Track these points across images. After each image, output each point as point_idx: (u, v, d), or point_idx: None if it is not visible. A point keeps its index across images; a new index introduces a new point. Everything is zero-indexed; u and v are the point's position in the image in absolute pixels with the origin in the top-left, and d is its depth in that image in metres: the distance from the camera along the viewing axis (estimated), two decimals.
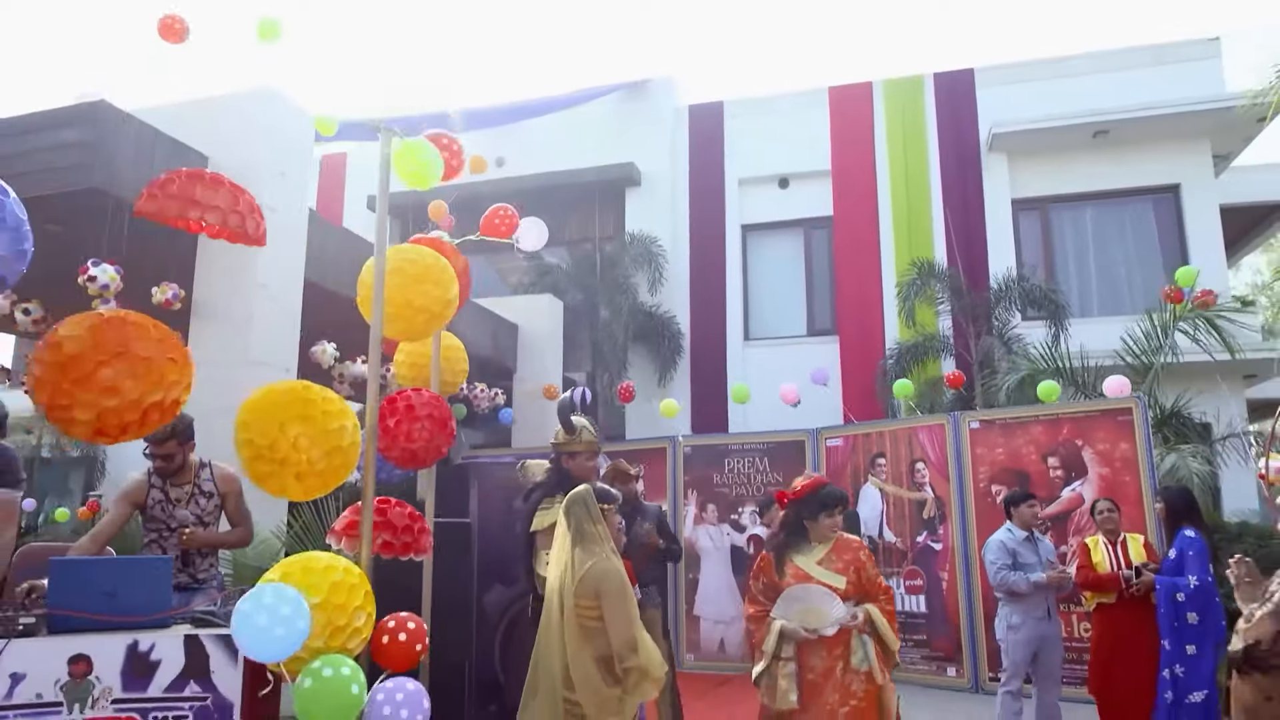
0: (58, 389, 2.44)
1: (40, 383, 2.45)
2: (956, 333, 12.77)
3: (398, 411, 3.53)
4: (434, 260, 3.65)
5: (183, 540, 3.90)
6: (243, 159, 6.34)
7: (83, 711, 2.79)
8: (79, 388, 2.45)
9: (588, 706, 2.89)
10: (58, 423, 2.54)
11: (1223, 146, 13.23)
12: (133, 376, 2.53)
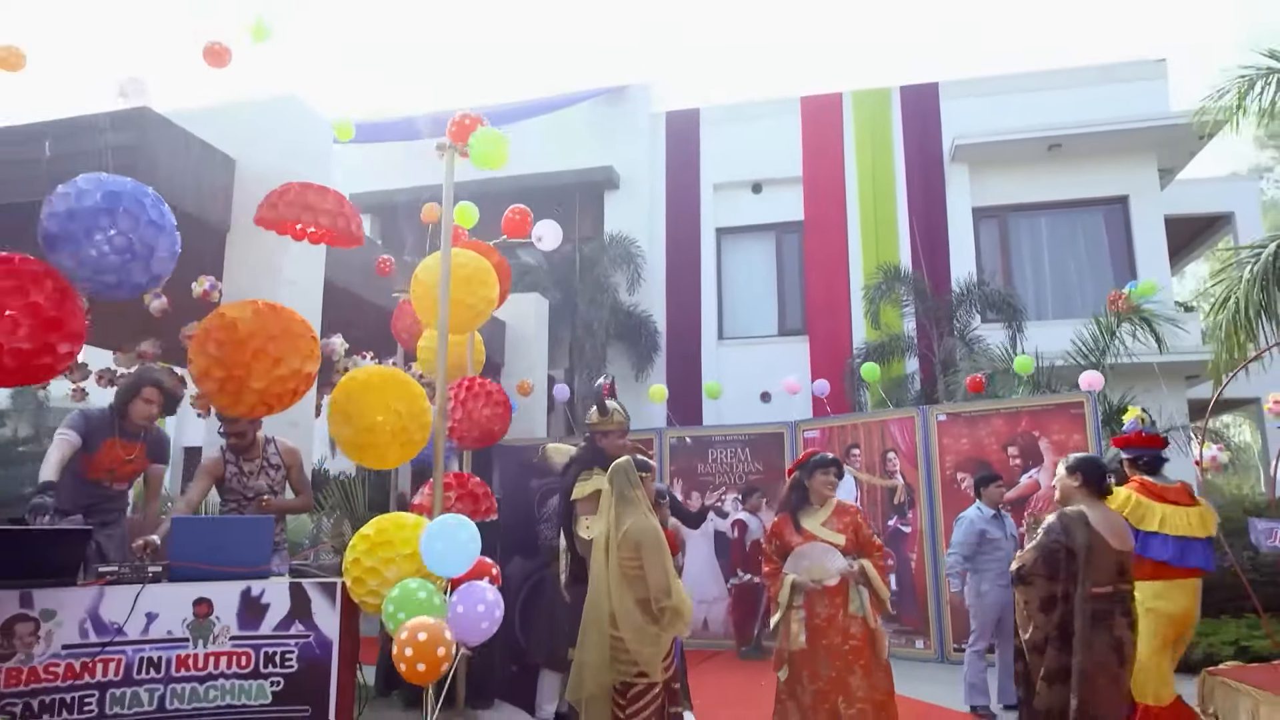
0: (236, 361, 2.90)
1: (216, 357, 2.91)
2: (920, 334, 13.45)
3: (475, 394, 4.01)
4: (481, 263, 4.14)
5: (261, 507, 4.35)
6: (269, 162, 6.74)
7: (205, 646, 3.25)
8: (256, 360, 2.91)
9: (630, 641, 3.41)
10: (228, 393, 3.00)
11: (1168, 161, 14.12)
12: (293, 352, 3.00)
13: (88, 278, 2.98)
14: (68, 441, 4.10)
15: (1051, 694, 3.66)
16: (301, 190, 3.62)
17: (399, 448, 3.48)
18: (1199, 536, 4.32)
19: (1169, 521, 4.31)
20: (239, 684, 3.28)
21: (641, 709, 3.48)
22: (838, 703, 3.98)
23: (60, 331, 2.86)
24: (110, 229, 2.94)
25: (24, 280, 2.81)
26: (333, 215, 3.67)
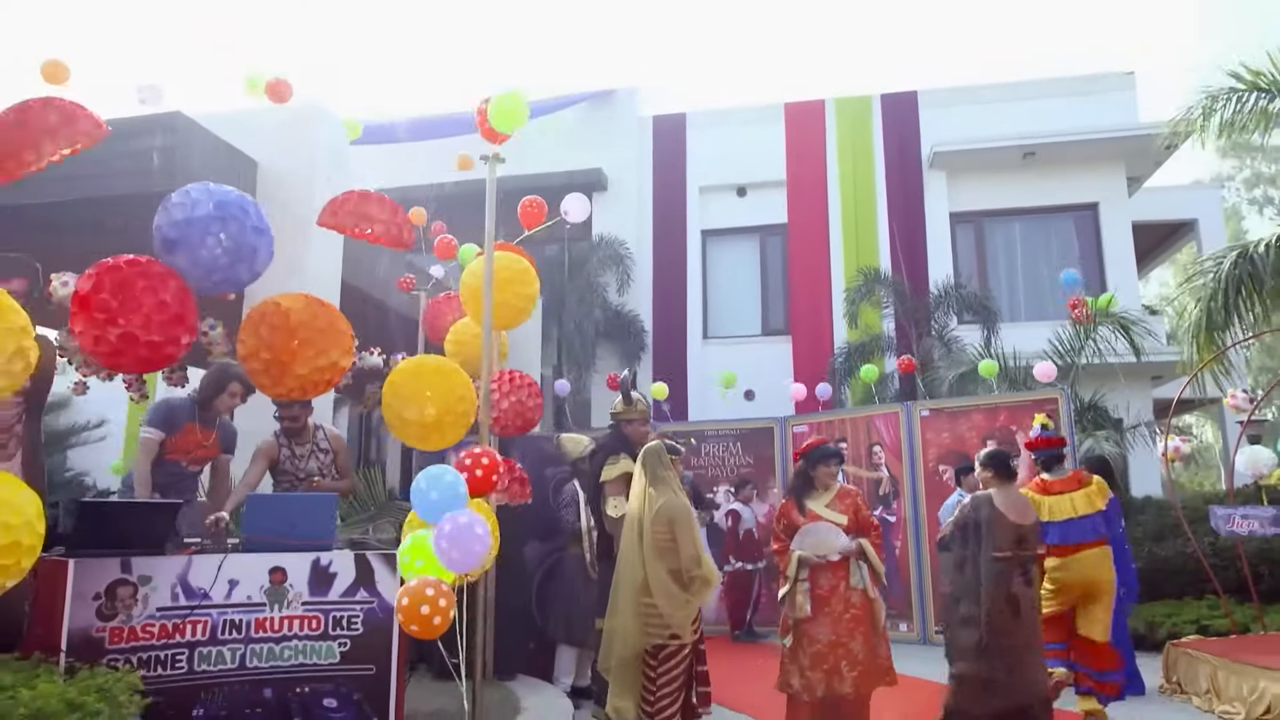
0: (284, 347, 3.24)
1: (266, 341, 3.24)
2: (900, 334, 13.94)
3: (518, 386, 4.37)
4: (522, 264, 4.50)
5: (312, 487, 4.68)
6: (289, 165, 7.04)
7: (280, 610, 3.58)
8: (304, 347, 3.25)
9: (663, 606, 3.80)
10: (271, 377, 3.33)
11: (1136, 170, 14.74)
12: (334, 345, 3.34)
13: (199, 277, 3.29)
14: (153, 441, 4.46)
15: (964, 634, 4.44)
16: (360, 200, 3.96)
17: (446, 431, 3.83)
18: (1085, 514, 5.18)
19: (1054, 510, 5.23)
20: (310, 644, 3.62)
21: (673, 668, 3.87)
22: (840, 665, 4.38)
23: (182, 325, 3.18)
24: (220, 233, 3.25)
25: (154, 281, 3.13)
26: (386, 224, 4.02)
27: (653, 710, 3.85)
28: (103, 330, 2.98)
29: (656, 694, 3.88)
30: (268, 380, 3.40)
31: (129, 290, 3.04)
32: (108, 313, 2.99)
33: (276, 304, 3.36)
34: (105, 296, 3.00)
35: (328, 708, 3.59)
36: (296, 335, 3.26)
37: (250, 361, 3.38)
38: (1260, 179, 26.54)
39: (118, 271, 3.07)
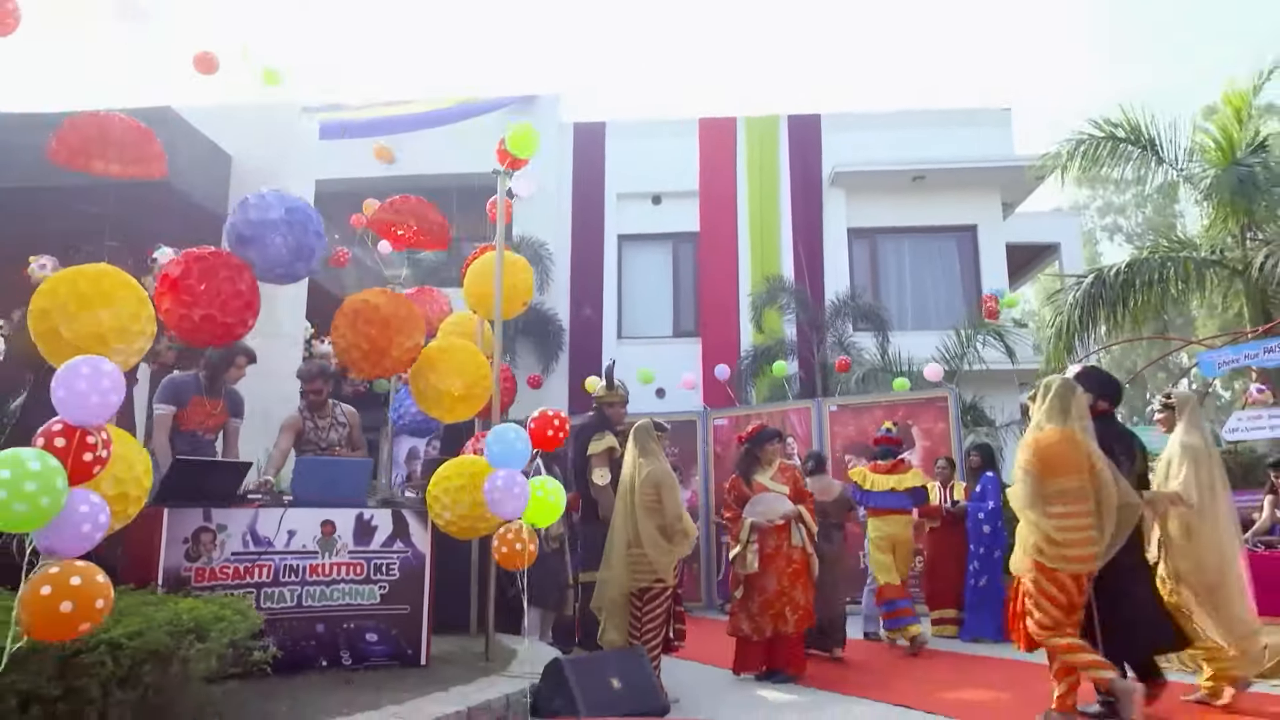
0: (382, 335, 3.84)
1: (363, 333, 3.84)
2: (801, 339, 15.08)
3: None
4: (521, 261, 5.19)
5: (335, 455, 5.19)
6: (261, 160, 7.43)
7: (330, 557, 4.16)
8: (400, 335, 3.86)
9: (651, 554, 4.57)
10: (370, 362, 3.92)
11: (1010, 196, 16.41)
12: (416, 330, 3.97)
13: (265, 269, 3.83)
14: (166, 416, 4.87)
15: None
16: (402, 203, 4.57)
17: (466, 404, 4.49)
18: (898, 490, 6.89)
19: (875, 484, 6.92)
20: (355, 587, 4.20)
21: (657, 607, 4.65)
22: (785, 610, 5.23)
23: (250, 310, 3.72)
24: (287, 235, 3.80)
25: (232, 271, 3.65)
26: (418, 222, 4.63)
27: (640, 643, 4.60)
28: (188, 310, 3.51)
29: (643, 629, 4.64)
30: (366, 365, 4.00)
31: (212, 278, 3.57)
32: (193, 296, 3.52)
33: (366, 300, 3.95)
34: (192, 282, 3.52)
35: (369, 641, 4.20)
36: (390, 326, 3.87)
37: (351, 352, 3.95)
38: (1111, 208, 29.41)
39: (204, 261, 3.60)
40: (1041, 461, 4.04)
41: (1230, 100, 10.20)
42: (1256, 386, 7.92)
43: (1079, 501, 3.96)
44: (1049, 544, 3.94)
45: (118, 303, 3.23)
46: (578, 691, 3.82)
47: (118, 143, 3.86)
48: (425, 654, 4.32)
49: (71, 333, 3.17)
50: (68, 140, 3.91)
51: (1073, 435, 4.05)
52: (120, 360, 3.29)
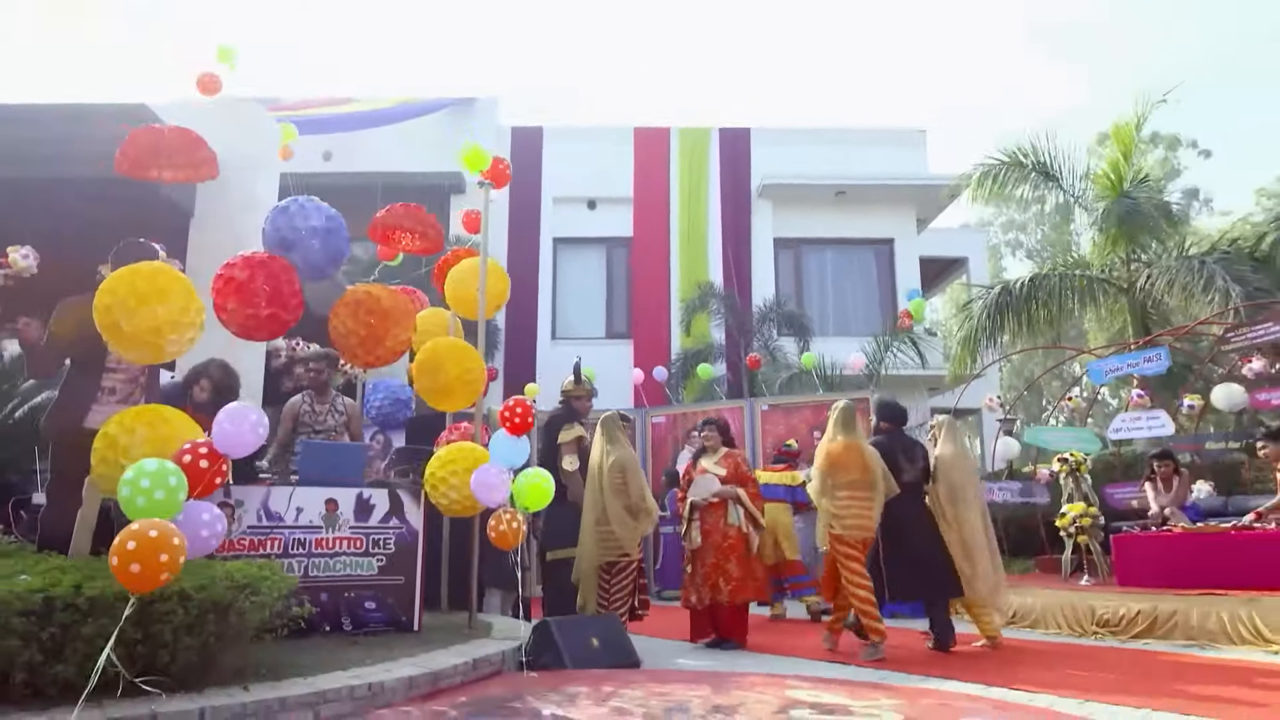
0: (382, 326, 4.26)
1: (363, 322, 4.25)
2: (729, 342, 15.80)
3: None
4: (496, 266, 5.64)
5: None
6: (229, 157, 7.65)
7: (333, 532, 4.56)
8: (396, 327, 4.28)
9: (619, 531, 5.11)
10: (365, 349, 4.32)
11: (924, 213, 17.51)
12: (409, 324, 4.39)
13: (303, 270, 4.20)
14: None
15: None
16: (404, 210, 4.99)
17: (463, 395, 4.94)
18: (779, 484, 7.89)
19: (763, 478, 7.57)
20: (355, 559, 4.59)
21: (624, 579, 5.19)
22: (719, 581, 5.76)
23: (300, 307, 4.11)
24: (325, 240, 4.19)
25: (288, 274, 4.03)
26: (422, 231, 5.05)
27: (609, 610, 5.12)
28: (256, 309, 3.88)
29: (611, 598, 5.16)
30: (361, 351, 4.39)
31: (275, 282, 3.95)
32: (260, 297, 3.89)
33: (369, 292, 4.34)
34: (259, 285, 3.90)
35: (368, 609, 4.61)
36: (389, 317, 4.28)
37: (349, 338, 4.33)
38: (1013, 225, 31.25)
39: (266, 265, 3.98)
40: (831, 463, 5.41)
41: (1118, 136, 11.34)
42: (1137, 392, 8.90)
43: (861, 489, 5.36)
44: (836, 520, 5.31)
45: (171, 298, 3.58)
46: (564, 648, 4.32)
47: (171, 150, 4.16)
48: (418, 621, 4.74)
49: (131, 326, 3.51)
50: (129, 154, 4.20)
51: (854, 444, 5.45)
52: (174, 350, 3.66)
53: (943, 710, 3.32)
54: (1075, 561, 7.58)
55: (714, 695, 3.65)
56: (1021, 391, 20.79)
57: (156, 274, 3.62)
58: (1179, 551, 6.35)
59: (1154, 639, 5.73)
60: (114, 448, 3.40)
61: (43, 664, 2.84)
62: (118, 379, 4.05)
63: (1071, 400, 10.60)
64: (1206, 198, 28.66)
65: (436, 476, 4.71)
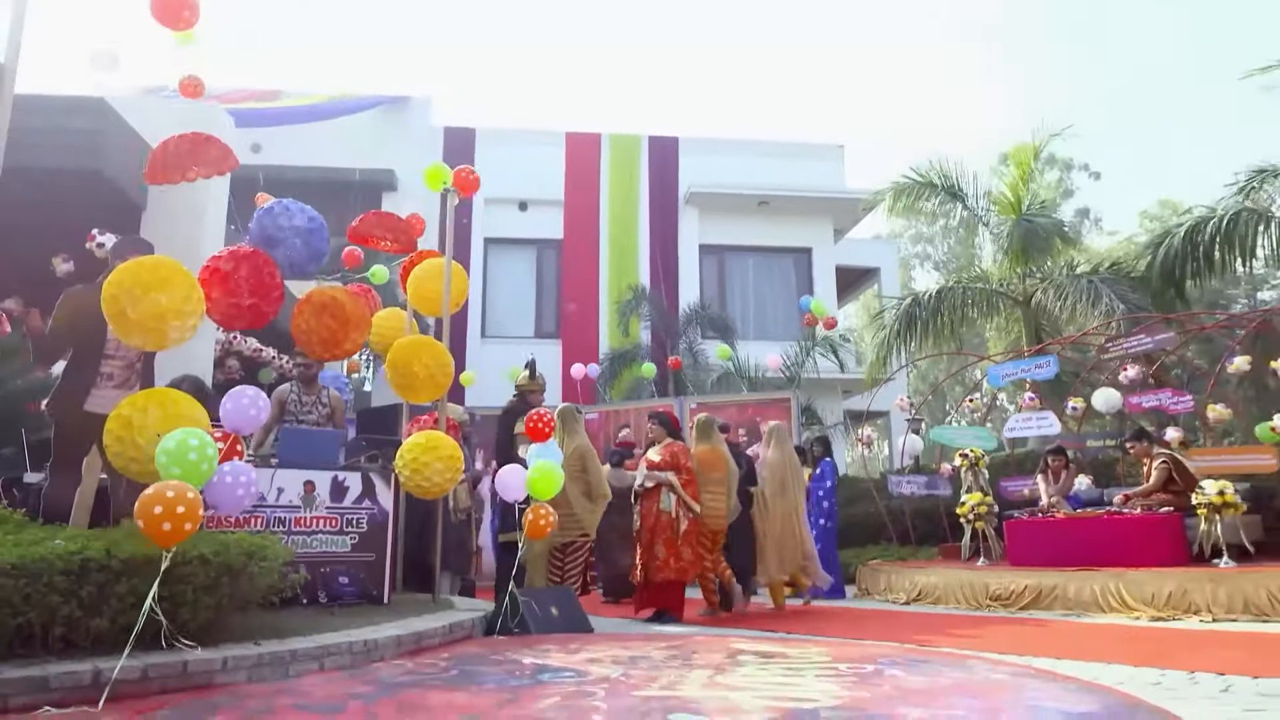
0: (340, 327, 4.64)
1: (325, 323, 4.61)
2: (656, 343, 16.39)
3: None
4: (458, 267, 6.04)
5: None
6: None
7: (310, 512, 4.91)
8: (352, 329, 4.68)
9: (578, 512, 5.59)
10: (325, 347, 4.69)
11: (841, 224, 18.46)
12: (365, 327, 4.79)
13: (285, 266, 4.53)
14: None
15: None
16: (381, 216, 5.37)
17: (431, 389, 5.33)
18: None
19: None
20: (331, 537, 4.94)
21: (578, 556, 5.67)
22: (650, 561, 6.30)
23: (281, 299, 4.44)
24: (307, 238, 4.53)
25: (270, 268, 4.35)
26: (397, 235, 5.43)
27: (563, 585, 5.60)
28: (239, 299, 4.21)
29: (566, 574, 5.64)
30: (322, 349, 4.74)
31: (258, 275, 4.28)
32: (242, 288, 4.22)
33: (334, 297, 4.70)
34: (242, 276, 4.22)
35: (342, 583, 4.96)
36: (350, 322, 4.66)
37: (310, 336, 4.68)
38: (921, 238, 32.85)
39: (251, 260, 4.30)
40: (701, 464, 6.44)
41: (1017, 161, 12.38)
42: (1029, 395, 9.84)
43: (720, 485, 6.43)
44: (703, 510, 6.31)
45: (173, 287, 3.90)
46: (528, 615, 4.77)
47: (182, 154, 4.41)
48: (387, 595, 5.11)
49: (136, 313, 3.81)
50: (152, 166, 4.46)
51: (715, 449, 6.52)
52: (176, 336, 3.97)
53: (862, 653, 3.91)
54: (973, 547, 8.39)
55: (670, 647, 4.17)
56: (927, 395, 22.01)
57: (159, 265, 3.92)
58: (1061, 535, 7.19)
59: (1039, 610, 6.53)
60: (128, 426, 3.70)
61: (81, 618, 3.16)
62: (115, 365, 4.31)
63: (972, 402, 11.52)
64: (1096, 217, 30.73)
65: (417, 462, 5.07)
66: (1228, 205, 10.14)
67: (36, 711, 2.80)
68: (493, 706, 2.75)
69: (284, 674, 3.43)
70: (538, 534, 4.97)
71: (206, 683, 3.21)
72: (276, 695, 3.00)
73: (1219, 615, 5.64)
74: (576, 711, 2.64)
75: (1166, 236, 10.78)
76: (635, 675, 3.28)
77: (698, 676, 3.25)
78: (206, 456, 3.22)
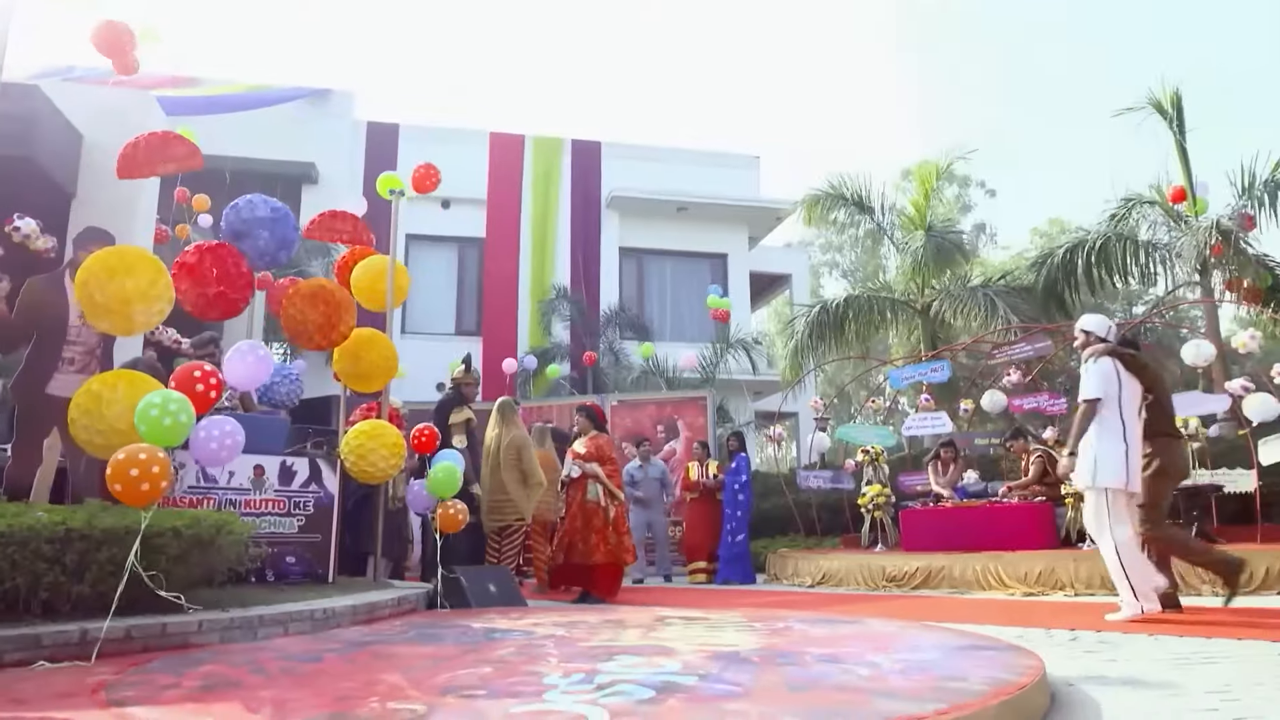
0: (333, 313, 4.91)
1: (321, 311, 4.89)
2: (575, 343, 16.78)
3: None
4: (400, 266, 6.35)
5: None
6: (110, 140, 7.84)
7: (260, 494, 5.16)
8: (345, 314, 4.95)
9: (515, 499, 5.97)
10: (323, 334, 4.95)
11: (755, 231, 19.23)
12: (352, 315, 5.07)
13: (254, 257, 4.77)
14: None
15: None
16: (334, 216, 5.62)
17: (379, 379, 5.64)
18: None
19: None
20: (279, 519, 5.19)
21: (515, 540, 6.05)
22: (577, 545, 6.71)
23: (249, 290, 4.68)
24: (273, 230, 4.78)
25: (236, 259, 4.59)
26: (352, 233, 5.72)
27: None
28: (204, 289, 4.45)
29: (502, 557, 6.01)
30: (319, 336, 5.00)
31: (223, 265, 4.52)
32: (209, 278, 4.46)
33: (322, 285, 4.97)
34: (208, 267, 4.46)
35: (289, 563, 5.23)
36: (342, 307, 4.95)
37: (301, 324, 4.93)
38: (831, 246, 34.14)
39: (215, 251, 4.54)
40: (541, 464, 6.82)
41: (921, 179, 13.30)
42: (925, 396, 10.68)
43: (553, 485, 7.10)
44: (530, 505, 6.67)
45: (139, 273, 4.13)
46: (469, 591, 5.14)
47: (151, 151, 4.58)
48: (332, 574, 5.39)
49: (104, 296, 4.03)
50: (123, 162, 4.62)
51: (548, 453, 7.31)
52: (143, 320, 4.20)
53: (774, 615, 4.43)
54: (872, 535, 9.10)
55: (604, 616, 4.60)
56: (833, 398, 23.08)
57: (125, 252, 4.16)
58: (949, 522, 7.94)
59: (928, 589, 7.23)
60: (97, 400, 3.93)
61: (64, 583, 3.39)
62: (76, 350, 4.49)
63: (874, 403, 12.34)
64: (992, 232, 32.54)
65: (363, 448, 5.37)
66: (1100, 229, 11.20)
67: (32, 665, 3.05)
68: (458, 653, 3.14)
69: (252, 636, 3.72)
70: (452, 526, 5.35)
71: (184, 643, 3.49)
72: (256, 651, 3.31)
73: (1080, 590, 6.41)
74: (532, 656, 3.05)
75: (1049, 255, 11.80)
76: (577, 634, 3.70)
77: (632, 634, 3.70)
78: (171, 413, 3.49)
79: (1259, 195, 10.07)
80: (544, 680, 2.50)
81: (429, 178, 6.62)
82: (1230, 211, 10.10)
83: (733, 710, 2.05)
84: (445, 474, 5.55)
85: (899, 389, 11.97)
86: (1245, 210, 9.97)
